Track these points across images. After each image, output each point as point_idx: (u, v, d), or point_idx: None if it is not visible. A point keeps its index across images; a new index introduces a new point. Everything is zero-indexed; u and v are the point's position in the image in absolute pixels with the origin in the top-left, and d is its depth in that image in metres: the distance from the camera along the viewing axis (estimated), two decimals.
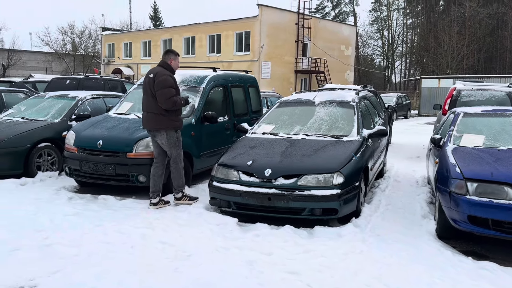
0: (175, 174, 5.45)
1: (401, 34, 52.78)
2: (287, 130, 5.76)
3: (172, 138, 5.33)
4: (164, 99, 5.15)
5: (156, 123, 5.28)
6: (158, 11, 58.21)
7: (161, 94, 5.15)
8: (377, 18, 54.10)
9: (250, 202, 4.75)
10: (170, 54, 5.42)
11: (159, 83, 5.16)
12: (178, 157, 5.44)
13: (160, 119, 5.25)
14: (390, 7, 51.79)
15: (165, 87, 5.16)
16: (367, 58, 55.97)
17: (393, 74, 54.11)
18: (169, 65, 5.38)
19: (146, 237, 4.30)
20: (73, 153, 5.97)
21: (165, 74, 5.23)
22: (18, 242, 4.07)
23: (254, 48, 28.76)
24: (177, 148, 5.41)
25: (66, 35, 46.55)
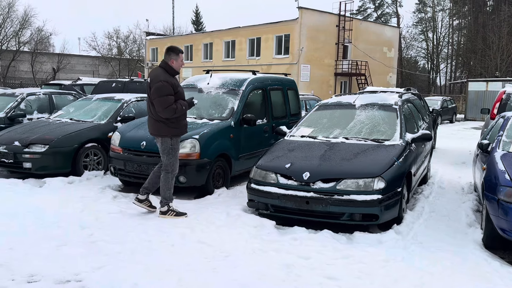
0: (163, 184, 5.06)
1: (447, 36, 50.98)
2: (326, 133, 5.70)
3: (166, 145, 4.98)
4: (162, 108, 4.77)
5: (153, 129, 5.01)
6: (199, 15, 59.31)
7: (158, 103, 4.77)
8: (421, 19, 52.53)
9: (288, 205, 4.74)
10: (171, 54, 4.92)
11: (155, 91, 4.77)
12: (170, 166, 5.03)
13: (158, 126, 4.94)
14: (435, 8, 50.15)
15: (161, 95, 4.74)
16: (411, 61, 54.40)
17: (438, 77, 52.31)
18: (169, 66, 4.91)
19: (186, 237, 4.38)
20: (118, 154, 6.19)
21: (160, 80, 4.77)
22: (65, 238, 4.27)
23: (293, 51, 28.68)
24: (170, 156, 5.01)
25: (112, 40, 48.44)
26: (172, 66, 4.92)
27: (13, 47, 43.31)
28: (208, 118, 6.56)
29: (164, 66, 4.91)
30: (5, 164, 6.68)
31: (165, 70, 4.89)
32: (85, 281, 3.35)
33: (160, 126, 4.91)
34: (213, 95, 7.01)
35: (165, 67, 4.90)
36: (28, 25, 44.14)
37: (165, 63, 4.92)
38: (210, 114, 6.69)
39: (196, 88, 7.26)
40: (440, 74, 52.18)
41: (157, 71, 4.92)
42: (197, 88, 7.25)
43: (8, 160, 6.60)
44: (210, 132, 6.11)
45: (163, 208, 5.05)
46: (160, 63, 4.99)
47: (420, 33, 52.34)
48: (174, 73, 4.96)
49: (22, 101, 8.45)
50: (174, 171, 5.09)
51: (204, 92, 7.12)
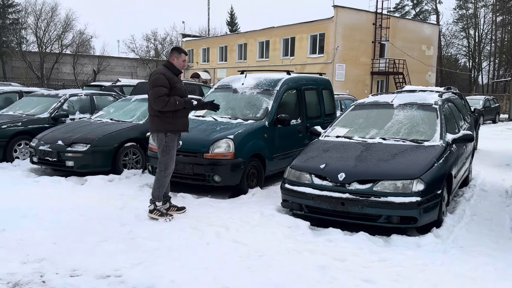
0: (155, 182, 5.03)
1: (490, 33, 48.82)
2: (362, 133, 5.60)
3: (161, 141, 4.94)
4: (153, 98, 4.78)
5: (152, 125, 5.00)
6: (234, 16, 59.77)
7: (151, 93, 4.82)
8: (462, 16, 50.60)
9: (322, 206, 4.69)
10: (173, 52, 5.07)
11: (150, 83, 4.88)
12: (164, 164, 4.98)
13: (154, 121, 4.93)
14: (477, 4, 48.17)
15: (155, 86, 4.79)
16: (451, 59, 52.54)
17: (480, 76, 50.23)
18: (171, 64, 5.02)
19: (221, 235, 4.43)
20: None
21: (158, 72, 4.89)
22: (106, 234, 4.41)
23: (328, 50, 28.37)
24: (164, 154, 4.96)
25: (150, 42, 49.62)
26: (173, 63, 5.01)
27: (56, 49, 45.23)
28: (242, 118, 6.60)
29: (166, 63, 5.06)
30: (49, 162, 6.99)
31: (167, 67, 5.01)
32: (124, 277, 3.46)
33: (155, 120, 4.91)
34: (248, 95, 7.05)
35: (167, 65, 5.04)
36: (70, 29, 46.01)
37: (167, 61, 5.08)
38: (244, 114, 6.73)
39: (230, 89, 7.32)
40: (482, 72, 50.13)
41: (158, 67, 5.06)
42: (231, 88, 7.31)
43: (52, 158, 6.90)
44: (244, 132, 6.15)
45: (150, 207, 5.02)
46: (164, 62, 5.15)
47: (461, 30, 50.44)
48: (176, 71, 5.02)
49: (65, 102, 8.80)
50: (167, 169, 5.02)
51: (238, 92, 7.17)
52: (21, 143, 8.00)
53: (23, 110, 8.67)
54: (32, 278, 3.41)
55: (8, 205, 5.27)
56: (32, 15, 44.07)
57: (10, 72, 44.20)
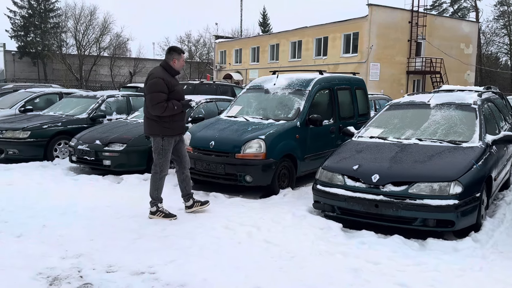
0: (151, 184, 4.98)
1: None
2: (397, 134, 5.47)
3: (157, 145, 4.86)
4: (152, 104, 4.67)
5: (146, 128, 4.91)
6: (267, 17, 59.85)
7: (149, 99, 4.69)
8: (503, 12, 48.50)
9: (355, 208, 4.62)
10: (173, 53, 4.85)
11: (148, 87, 4.72)
12: (159, 167, 4.91)
13: (151, 124, 4.83)
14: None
15: (153, 91, 4.66)
16: (491, 57, 50.46)
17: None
18: (169, 66, 4.84)
19: (252, 235, 4.44)
20: (189, 152, 6.39)
21: (156, 76, 4.71)
22: (141, 232, 4.52)
23: (362, 49, 27.91)
24: (160, 157, 4.88)
25: (184, 44, 50.47)
26: (174, 66, 4.86)
27: (94, 52, 46.83)
28: (274, 119, 6.59)
29: (164, 65, 4.86)
30: (87, 161, 7.23)
31: (164, 68, 4.83)
32: (158, 274, 3.53)
33: (152, 124, 4.81)
34: (279, 95, 7.03)
35: (165, 66, 4.85)
36: (108, 32, 47.55)
37: (165, 63, 4.87)
38: (276, 115, 6.72)
39: (262, 89, 7.33)
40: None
41: (156, 69, 4.85)
42: (263, 89, 7.32)
43: (89, 157, 7.14)
44: (276, 132, 6.14)
45: (152, 209, 4.99)
46: (161, 62, 4.94)
47: (502, 28, 48.36)
48: (174, 72, 4.89)
49: (103, 103, 9.09)
50: (162, 172, 4.95)
51: (270, 93, 7.16)
52: (61, 142, 8.33)
53: (63, 111, 9.03)
54: (70, 273, 3.53)
55: (49, 202, 5.49)
56: (72, 19, 45.93)
57: (51, 74, 46.15)
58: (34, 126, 8.06)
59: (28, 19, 45.99)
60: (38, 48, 45.78)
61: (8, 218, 4.84)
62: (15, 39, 46.19)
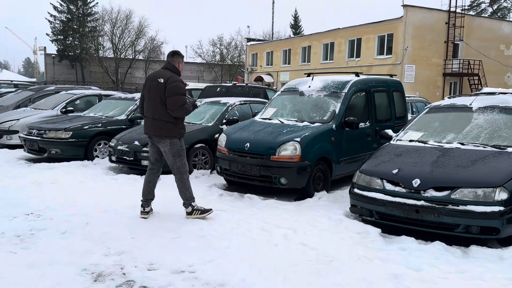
0: (180, 186, 5.01)
1: None
2: (438, 138, 5.33)
3: (176, 146, 4.91)
4: (177, 106, 4.75)
5: (162, 131, 4.87)
6: (298, 19, 59.68)
7: (174, 100, 4.74)
8: None
9: (394, 213, 4.53)
10: (178, 57, 4.99)
11: (172, 89, 4.75)
12: (183, 167, 4.97)
13: (168, 127, 4.84)
14: None
15: (178, 94, 4.76)
16: None
17: None
18: (176, 68, 4.95)
19: (288, 238, 4.43)
20: (224, 154, 6.50)
21: (177, 80, 4.82)
22: (179, 231, 4.61)
23: (397, 51, 27.37)
24: (181, 158, 4.96)
25: (216, 47, 51.02)
26: (179, 68, 4.98)
27: (129, 55, 48.04)
28: (309, 121, 6.57)
29: (172, 68, 4.94)
30: (126, 161, 7.43)
31: (172, 72, 4.91)
32: (198, 273, 3.58)
33: (170, 127, 4.84)
34: (314, 98, 7.00)
35: (173, 69, 4.93)
36: (143, 35, 48.65)
37: (172, 66, 4.94)
38: (311, 117, 6.69)
39: (297, 91, 7.32)
40: None
41: (165, 72, 4.89)
42: (298, 91, 7.30)
43: (129, 158, 7.33)
44: (311, 135, 6.11)
45: (188, 209, 5.04)
46: (166, 65, 4.97)
47: None
48: (179, 74, 5.00)
49: None
50: (187, 171, 5.04)
51: (305, 95, 7.14)
52: (101, 142, 8.60)
53: (103, 112, 9.32)
54: (113, 270, 3.64)
55: (91, 200, 5.68)
56: (109, 23, 47.26)
57: (88, 76, 47.70)
58: (76, 127, 8.36)
59: (67, 23, 47.69)
60: (76, 51, 47.40)
61: (53, 215, 5.04)
62: (55, 43, 48.03)
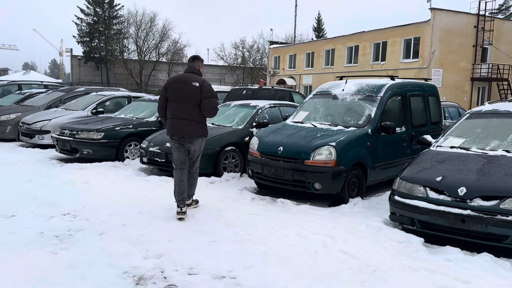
0: (192, 182, 5.42)
1: None
2: (481, 144, 5.13)
3: (201, 145, 5.36)
4: (211, 108, 5.17)
5: (197, 131, 5.22)
6: (321, 22, 59.36)
7: (209, 103, 5.12)
8: None
9: (438, 222, 4.36)
10: (198, 61, 5.36)
11: (207, 92, 5.12)
12: (200, 165, 5.51)
13: (199, 127, 5.23)
14: None
15: (212, 96, 5.17)
16: None
17: None
18: (200, 72, 5.33)
19: (328, 245, 4.32)
20: (256, 157, 6.43)
21: (209, 83, 5.25)
22: (214, 234, 4.56)
23: (423, 55, 26.87)
24: (200, 156, 5.44)
25: (238, 50, 51.21)
26: (201, 71, 5.35)
27: (153, 58, 48.67)
28: (343, 125, 6.43)
29: (197, 72, 5.28)
30: (157, 162, 7.44)
31: (198, 75, 5.25)
32: (239, 279, 3.51)
33: (200, 127, 5.24)
34: (349, 101, 6.86)
35: (198, 73, 5.28)
36: (166, 38, 49.24)
37: (196, 69, 5.29)
38: (345, 121, 6.56)
39: (330, 95, 7.20)
40: None
41: (195, 77, 5.19)
42: (331, 94, 7.18)
43: (160, 159, 7.33)
44: (346, 139, 5.98)
45: (188, 201, 5.38)
46: (190, 69, 5.27)
47: None
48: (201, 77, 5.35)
49: None
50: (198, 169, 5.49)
51: (338, 98, 7.01)
52: (132, 144, 8.65)
53: (133, 114, 9.39)
54: (154, 273, 3.60)
55: (124, 201, 5.70)
56: (133, 26, 48.03)
57: (113, 78, 48.54)
58: (108, 128, 8.44)
59: (93, 25, 48.67)
60: (101, 53, 48.31)
61: (89, 216, 5.06)
62: (81, 45, 49.06)
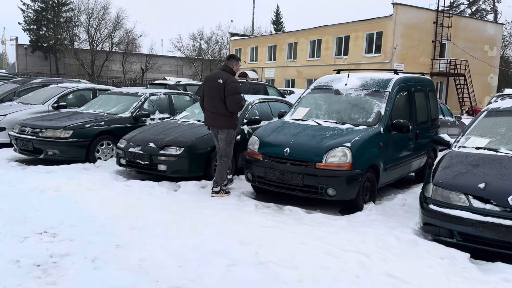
0: (220, 168, 5.84)
1: None
2: (510, 145, 4.75)
3: (230, 136, 5.83)
4: (235, 103, 5.68)
5: (223, 123, 5.77)
6: (280, 15, 58.97)
7: (233, 99, 5.65)
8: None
9: (485, 235, 3.90)
10: (232, 60, 5.92)
11: (231, 89, 5.62)
12: (230, 153, 5.90)
13: (227, 120, 5.76)
14: None
15: (236, 93, 5.65)
16: (508, 61, 49.46)
17: None
18: (232, 70, 5.82)
19: (366, 266, 3.74)
20: (258, 160, 5.73)
21: (234, 81, 5.69)
22: (230, 256, 3.84)
23: (385, 49, 27.21)
24: (230, 145, 5.87)
25: (196, 41, 49.75)
26: (234, 69, 5.86)
27: (106, 47, 46.13)
28: (351, 123, 5.88)
29: (228, 70, 5.83)
30: (140, 165, 6.53)
31: (230, 73, 5.77)
32: None
33: (227, 119, 5.77)
34: (354, 97, 6.32)
35: (229, 71, 5.82)
36: (120, 27, 46.78)
37: (230, 68, 5.85)
38: (352, 119, 6.01)
39: (331, 90, 6.62)
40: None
41: (224, 74, 5.78)
42: (333, 89, 6.60)
43: (143, 161, 6.44)
44: (361, 139, 5.43)
45: (216, 189, 5.79)
46: (223, 67, 5.92)
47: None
48: (234, 75, 5.89)
49: (145, 101, 8.38)
50: (230, 158, 5.95)
51: (342, 94, 6.45)
52: (104, 143, 7.66)
53: (103, 109, 8.34)
54: None
55: (109, 214, 4.82)
56: (85, 14, 45.22)
57: (62, 69, 45.50)
58: (77, 125, 7.38)
59: (40, 12, 45.34)
60: (50, 42, 45.16)
61: (73, 235, 4.17)
62: (27, 33, 45.59)
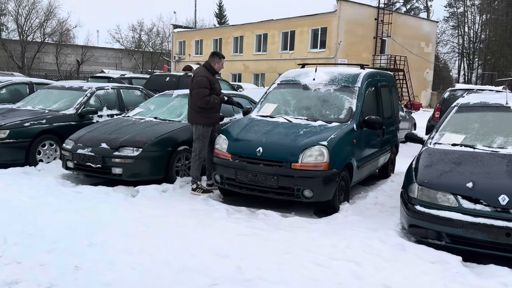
0: (192, 164, 5.81)
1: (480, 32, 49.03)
2: (486, 141, 4.70)
3: (198, 132, 5.72)
4: (197, 98, 5.67)
5: (190, 117, 5.82)
6: (223, 9, 58.18)
7: (196, 93, 5.68)
8: (452, 14, 50.75)
9: (476, 237, 3.77)
10: (215, 57, 5.88)
11: (195, 83, 5.72)
12: (198, 151, 5.77)
13: (195, 115, 5.75)
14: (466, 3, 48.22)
15: (199, 87, 5.65)
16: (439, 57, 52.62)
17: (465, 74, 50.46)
18: (211, 66, 5.82)
19: (359, 276, 3.46)
20: (227, 160, 5.29)
21: (201, 75, 5.70)
22: (210, 273, 3.41)
23: (330, 45, 27.66)
24: (199, 142, 5.74)
25: (136, 33, 47.66)
26: (214, 67, 5.84)
27: (38, 38, 42.80)
28: (323, 120, 5.61)
29: (207, 65, 5.85)
30: (91, 168, 5.81)
31: (206, 68, 5.81)
32: None
33: (196, 114, 5.73)
34: (323, 92, 6.05)
35: (207, 67, 5.84)
36: (53, 17, 43.58)
37: (208, 64, 5.85)
38: (324, 115, 5.74)
39: (299, 85, 6.31)
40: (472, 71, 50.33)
41: (200, 69, 5.88)
42: (300, 84, 6.29)
43: (95, 164, 5.73)
44: (337, 137, 5.16)
45: (193, 186, 5.74)
46: (204, 63, 5.91)
47: (452, 28, 50.60)
48: (214, 72, 5.88)
49: (92, 96, 7.56)
50: (200, 155, 5.80)
51: (311, 89, 6.16)
52: (45, 143, 6.79)
53: (44, 105, 7.40)
54: None
55: (62, 228, 4.15)
56: (13, 1, 41.52)
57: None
58: (14, 124, 6.43)
59: None
60: None
61: (19, 256, 3.49)
62: None
